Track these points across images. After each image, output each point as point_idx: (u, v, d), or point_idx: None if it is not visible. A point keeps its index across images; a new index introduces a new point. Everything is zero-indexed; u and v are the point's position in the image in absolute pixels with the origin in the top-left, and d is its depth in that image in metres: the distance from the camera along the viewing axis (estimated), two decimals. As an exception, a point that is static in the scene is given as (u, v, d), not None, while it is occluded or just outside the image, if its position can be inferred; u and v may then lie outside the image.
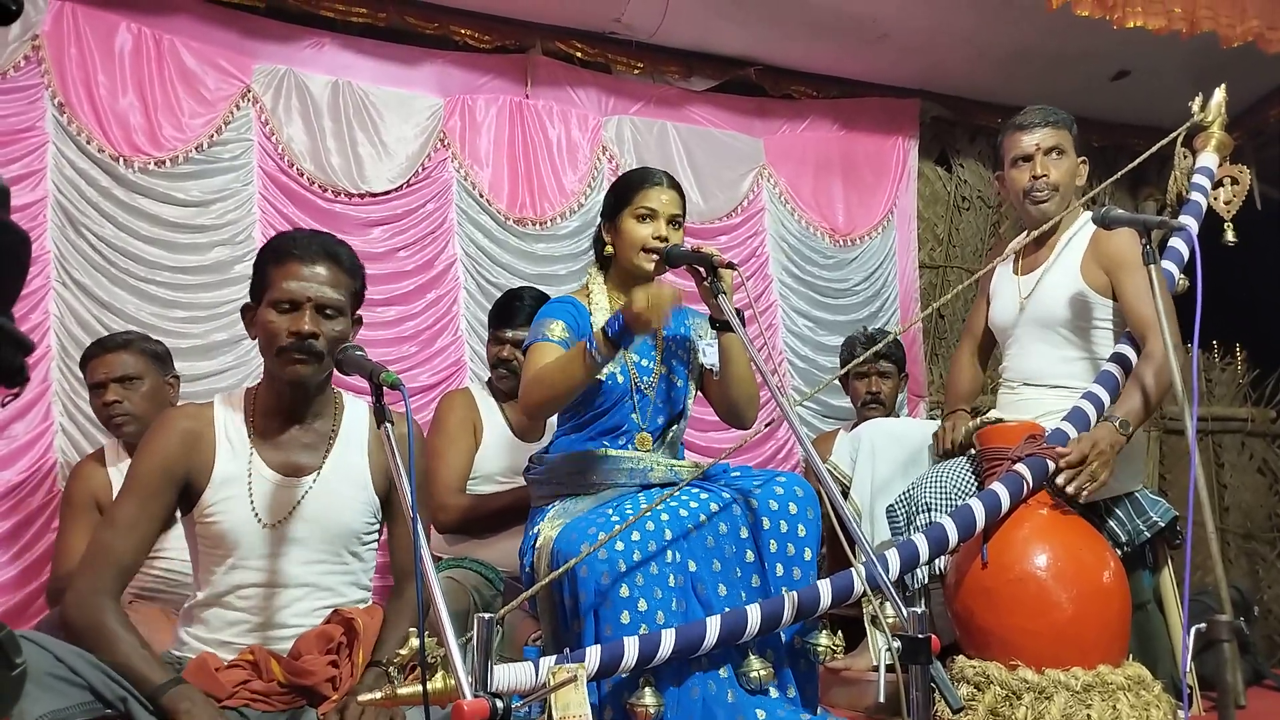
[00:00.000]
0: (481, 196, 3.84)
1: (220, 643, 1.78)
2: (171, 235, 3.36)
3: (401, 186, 3.72)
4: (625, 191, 2.30)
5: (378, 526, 1.93)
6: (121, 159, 3.31)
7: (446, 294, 3.77)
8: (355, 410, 1.94)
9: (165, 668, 1.63)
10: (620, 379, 2.23)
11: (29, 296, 3.10)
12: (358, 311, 1.91)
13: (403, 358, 3.61)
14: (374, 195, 3.68)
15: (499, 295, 3.22)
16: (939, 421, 2.81)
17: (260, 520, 1.79)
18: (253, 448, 1.82)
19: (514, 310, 2.97)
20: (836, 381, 3.59)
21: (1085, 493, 2.22)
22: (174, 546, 2.35)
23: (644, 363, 2.29)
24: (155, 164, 3.36)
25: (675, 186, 2.30)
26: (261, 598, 1.79)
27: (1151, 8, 3.62)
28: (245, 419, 1.85)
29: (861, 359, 3.27)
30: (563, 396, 2.10)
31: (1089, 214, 2.64)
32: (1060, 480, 2.21)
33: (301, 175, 3.58)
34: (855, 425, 3.57)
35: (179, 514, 1.82)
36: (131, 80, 3.37)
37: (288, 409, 1.86)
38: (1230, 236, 2.75)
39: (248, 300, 1.88)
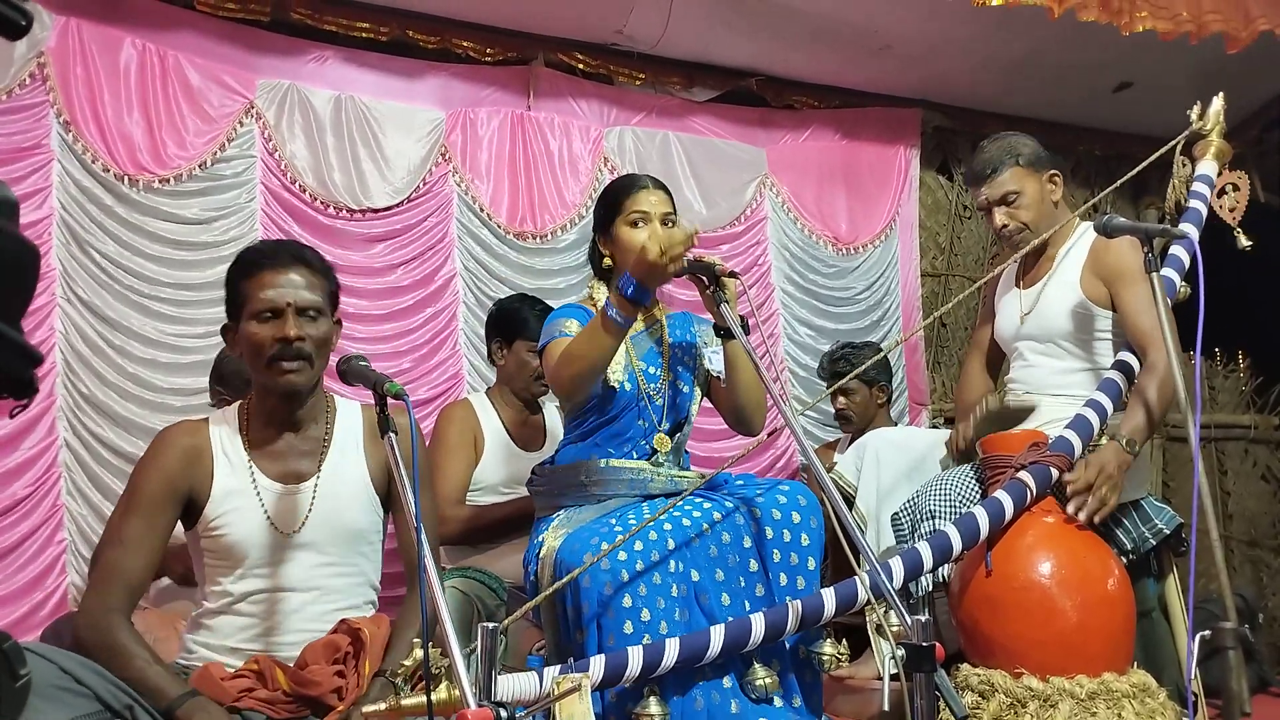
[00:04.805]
0: (482, 211, 3.86)
1: (228, 649, 1.79)
2: (175, 252, 3.39)
3: (402, 202, 3.74)
4: (614, 200, 2.31)
5: (383, 524, 1.94)
6: (126, 178, 3.32)
7: (445, 308, 3.78)
8: (348, 411, 1.95)
9: (179, 681, 1.64)
10: (628, 386, 2.24)
11: (35, 313, 3.13)
12: (337, 314, 1.91)
13: (400, 371, 3.62)
14: (375, 211, 3.70)
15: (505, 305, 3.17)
16: (944, 430, 2.81)
17: (266, 529, 1.80)
18: (250, 460, 1.83)
19: (529, 326, 2.94)
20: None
21: (1097, 518, 2.22)
22: None
23: (651, 369, 2.29)
24: (160, 182, 3.37)
25: (662, 187, 2.31)
26: (271, 603, 1.80)
27: (1159, 12, 3.61)
28: (240, 432, 1.86)
29: (826, 393, 3.57)
30: (596, 367, 2.08)
31: (1087, 224, 2.64)
32: (1070, 509, 2.21)
33: (304, 191, 3.60)
34: (852, 438, 3.60)
35: (181, 529, 1.83)
36: (137, 97, 3.39)
37: (281, 418, 1.87)
38: (1244, 241, 2.74)
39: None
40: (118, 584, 1.70)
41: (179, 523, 1.82)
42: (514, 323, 3.01)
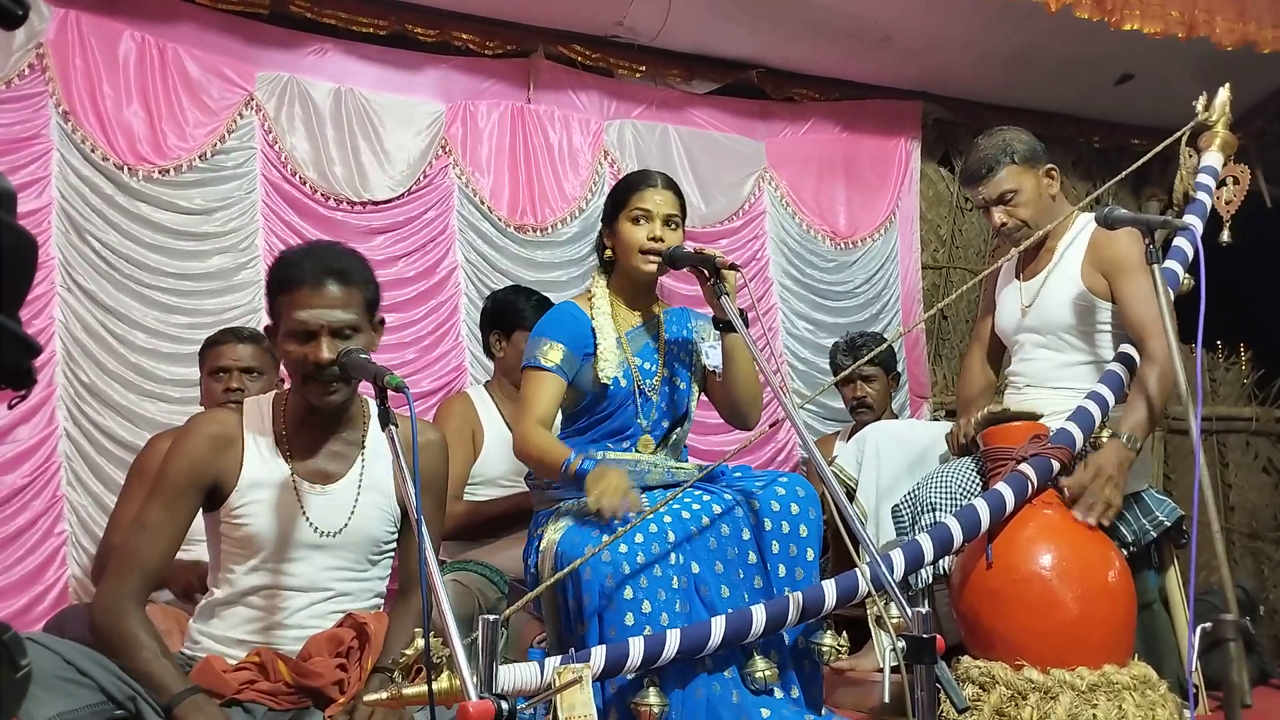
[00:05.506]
0: (483, 203, 3.85)
1: (234, 640, 1.79)
2: (175, 242, 3.38)
3: (403, 194, 3.73)
4: (622, 195, 2.30)
5: (396, 535, 1.94)
6: (125, 167, 3.32)
7: (447, 300, 3.78)
8: None
9: (182, 677, 1.64)
10: (624, 382, 2.23)
11: (34, 301, 3.11)
12: (378, 315, 1.87)
13: (404, 363, 3.62)
14: (376, 203, 3.69)
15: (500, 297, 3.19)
16: (944, 423, 2.80)
17: (286, 525, 1.79)
18: (282, 454, 1.83)
19: (526, 316, 2.96)
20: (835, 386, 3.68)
21: (1104, 519, 2.21)
22: None
23: (647, 365, 2.29)
24: (159, 172, 3.37)
25: (672, 187, 2.30)
26: (280, 599, 1.80)
27: (1150, 11, 3.64)
28: (275, 425, 1.85)
29: (846, 373, 3.41)
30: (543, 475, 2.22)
31: (1088, 215, 2.63)
32: (1077, 513, 2.21)
33: (304, 183, 3.59)
34: (853, 430, 3.59)
35: (201, 512, 1.82)
36: (136, 89, 3.38)
37: (317, 419, 1.86)
38: (1226, 237, 2.74)
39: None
40: (134, 570, 1.70)
41: (200, 510, 1.81)
42: (511, 314, 3.02)
